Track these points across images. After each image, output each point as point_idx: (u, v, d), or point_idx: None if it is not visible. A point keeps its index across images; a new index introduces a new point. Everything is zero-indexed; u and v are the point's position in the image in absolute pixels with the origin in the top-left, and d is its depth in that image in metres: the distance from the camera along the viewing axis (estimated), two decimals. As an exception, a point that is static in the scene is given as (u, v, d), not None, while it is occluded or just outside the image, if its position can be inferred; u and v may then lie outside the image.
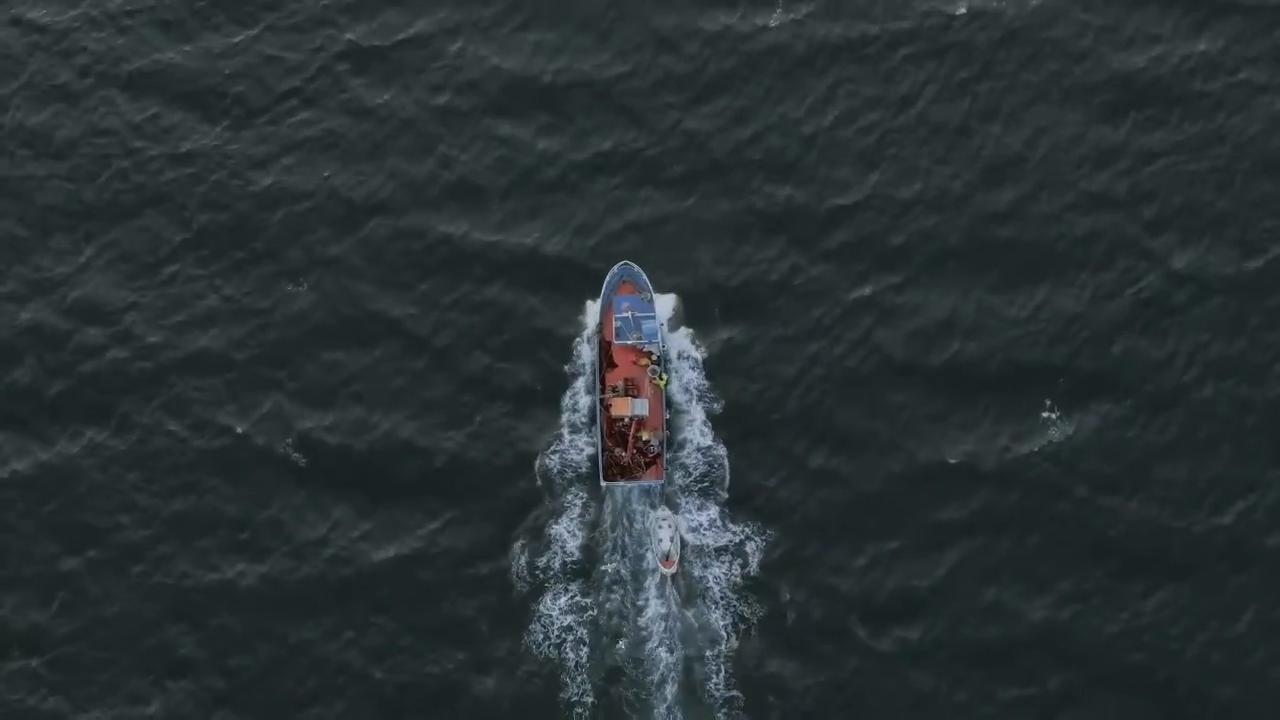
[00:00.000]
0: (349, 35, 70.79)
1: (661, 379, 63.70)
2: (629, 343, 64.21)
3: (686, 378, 63.44)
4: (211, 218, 67.56)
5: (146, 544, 61.51)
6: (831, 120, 68.32)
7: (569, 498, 62.14)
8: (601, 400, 63.39)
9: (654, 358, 63.99)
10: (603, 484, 62.41)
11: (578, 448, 62.82)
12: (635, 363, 63.98)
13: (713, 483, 62.18)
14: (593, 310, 65.31)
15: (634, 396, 63.44)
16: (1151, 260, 64.89)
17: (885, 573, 60.74)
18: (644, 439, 62.75)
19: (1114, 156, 66.88)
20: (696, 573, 60.35)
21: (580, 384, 63.95)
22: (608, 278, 65.04)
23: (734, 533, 61.28)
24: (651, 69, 69.83)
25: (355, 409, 63.78)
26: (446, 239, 66.85)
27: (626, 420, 63.07)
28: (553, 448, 62.90)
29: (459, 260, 66.38)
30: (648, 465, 62.55)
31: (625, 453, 62.54)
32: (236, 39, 70.86)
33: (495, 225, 67.09)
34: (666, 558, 61.08)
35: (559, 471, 62.54)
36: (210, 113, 69.54)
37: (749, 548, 61.11)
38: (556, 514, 61.80)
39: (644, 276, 65.11)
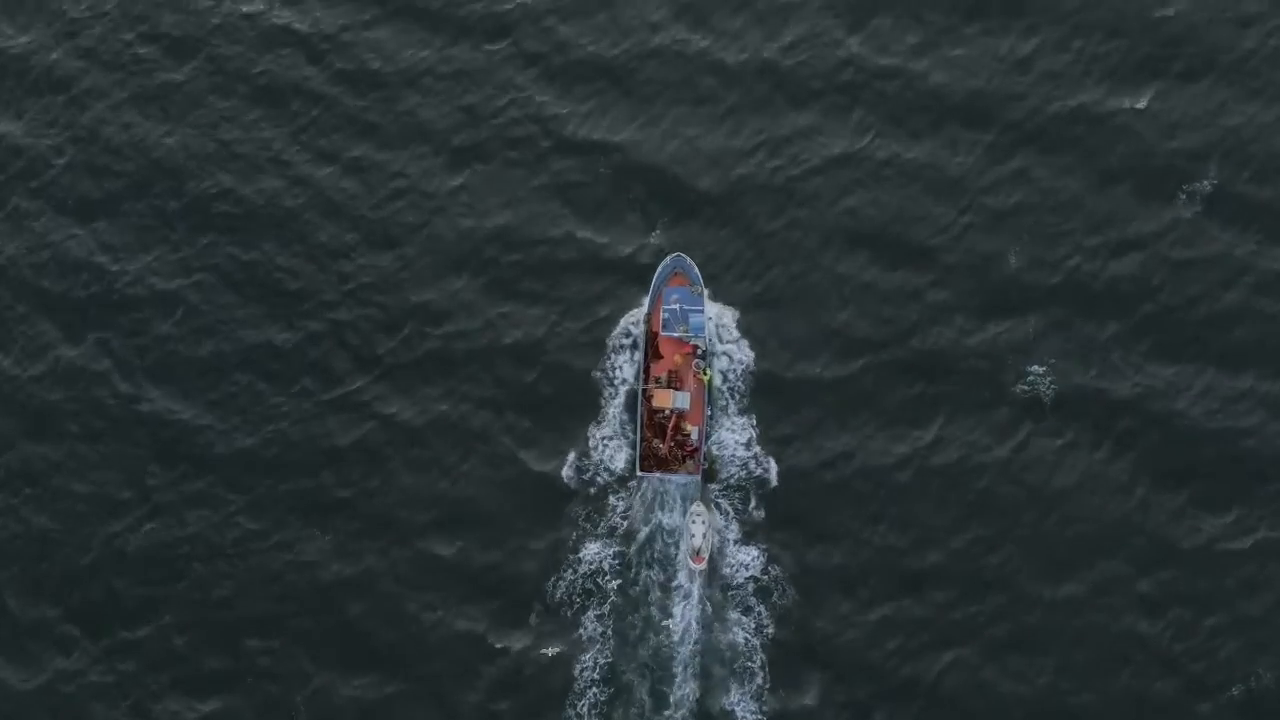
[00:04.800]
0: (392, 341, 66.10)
1: (705, 374, 63.27)
2: (675, 335, 63.79)
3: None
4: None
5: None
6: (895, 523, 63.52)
7: None
8: (644, 391, 63.01)
9: (699, 352, 63.55)
10: (638, 474, 62.17)
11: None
12: (680, 355, 63.55)
13: None
14: (642, 301, 64.86)
15: (676, 389, 63.09)
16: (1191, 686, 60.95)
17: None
18: (685, 431, 62.42)
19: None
20: None
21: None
22: (659, 268, 64.49)
23: None
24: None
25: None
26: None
27: (667, 412, 62.74)
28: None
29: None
30: (685, 458, 62.25)
31: (664, 444, 62.24)
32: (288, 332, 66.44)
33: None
34: (697, 553, 60.86)
35: None
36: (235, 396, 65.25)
37: None
38: None
39: (696, 270, 64.53)
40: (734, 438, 63.07)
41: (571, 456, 63.13)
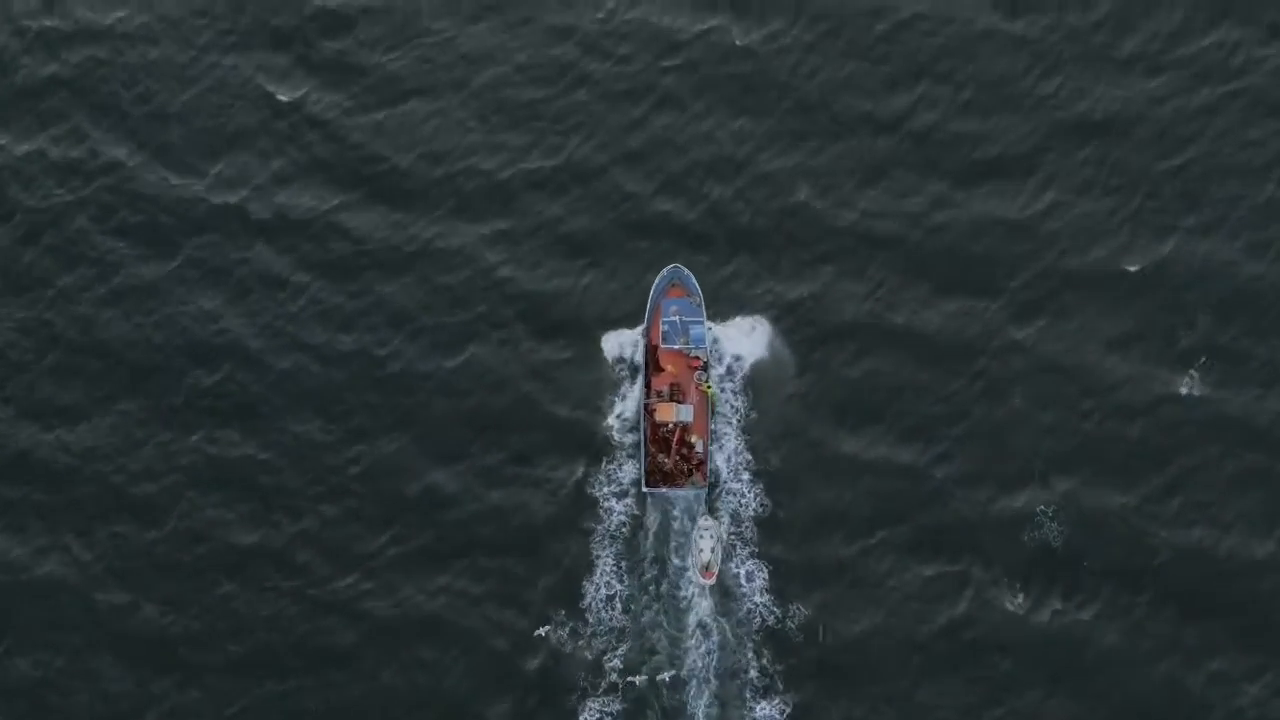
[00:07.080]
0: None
1: (707, 386, 62.41)
2: (676, 347, 62.94)
3: None
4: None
5: None
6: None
7: None
8: (646, 405, 62.12)
9: (701, 363, 62.72)
10: (644, 490, 61.26)
11: None
12: (682, 368, 62.72)
13: None
14: (641, 314, 64.06)
15: (679, 402, 62.24)
16: None
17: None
18: (690, 442, 61.58)
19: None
20: None
21: None
22: (657, 280, 63.66)
23: None
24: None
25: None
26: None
27: (670, 426, 61.86)
28: None
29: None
30: (692, 471, 61.36)
31: (669, 458, 61.38)
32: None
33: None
34: (707, 568, 60.01)
35: None
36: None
37: None
38: None
39: (694, 281, 63.72)
40: (747, 588, 61.57)
41: (562, 621, 61.56)
